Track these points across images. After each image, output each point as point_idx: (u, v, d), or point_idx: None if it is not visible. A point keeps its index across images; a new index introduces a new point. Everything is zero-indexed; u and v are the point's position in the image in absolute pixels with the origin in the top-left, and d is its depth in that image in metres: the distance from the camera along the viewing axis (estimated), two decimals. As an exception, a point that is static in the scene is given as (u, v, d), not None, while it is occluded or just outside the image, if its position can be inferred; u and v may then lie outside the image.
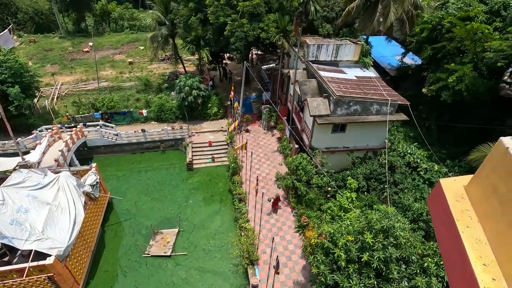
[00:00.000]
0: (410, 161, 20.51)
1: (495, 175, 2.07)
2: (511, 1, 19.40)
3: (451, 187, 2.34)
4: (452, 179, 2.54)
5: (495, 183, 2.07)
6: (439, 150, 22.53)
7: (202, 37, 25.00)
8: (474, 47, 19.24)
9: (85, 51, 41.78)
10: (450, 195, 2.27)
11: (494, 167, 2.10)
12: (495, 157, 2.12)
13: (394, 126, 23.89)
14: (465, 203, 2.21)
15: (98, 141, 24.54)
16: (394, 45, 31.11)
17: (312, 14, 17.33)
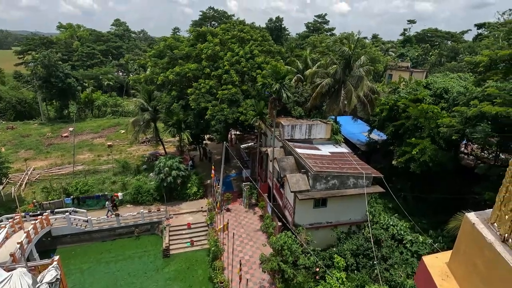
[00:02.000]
0: (394, 233, 20.27)
1: (471, 251, 2.15)
2: (449, 87, 23.00)
3: (434, 264, 2.35)
4: (434, 256, 2.57)
5: (473, 259, 2.13)
6: (419, 220, 22.72)
7: (183, 121, 26.42)
8: (429, 123, 21.72)
9: (64, 136, 42.01)
10: (435, 274, 2.26)
11: (467, 243, 2.20)
12: (465, 232, 2.24)
13: (373, 198, 24.36)
14: (451, 282, 2.20)
15: (64, 230, 22.47)
16: (361, 123, 34.34)
17: (284, 100, 19.34)
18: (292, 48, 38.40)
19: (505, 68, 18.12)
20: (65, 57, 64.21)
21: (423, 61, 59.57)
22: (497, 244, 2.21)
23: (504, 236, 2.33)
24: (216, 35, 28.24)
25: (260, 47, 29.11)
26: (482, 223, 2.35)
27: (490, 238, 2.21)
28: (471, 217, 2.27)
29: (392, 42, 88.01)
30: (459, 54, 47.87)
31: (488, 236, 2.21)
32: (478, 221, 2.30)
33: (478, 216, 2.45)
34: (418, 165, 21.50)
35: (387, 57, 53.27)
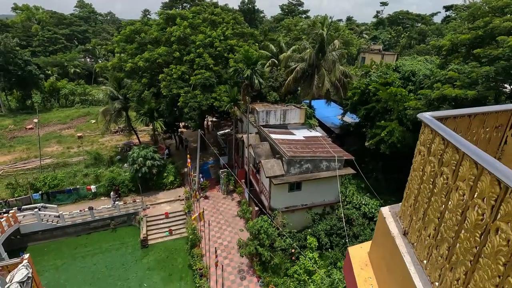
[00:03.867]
0: (365, 211, 21.36)
1: (382, 242, 2.34)
2: (416, 70, 23.83)
3: (357, 254, 2.54)
4: (359, 246, 2.77)
5: (383, 250, 2.32)
6: (389, 198, 23.98)
7: (155, 109, 25.63)
8: (397, 106, 22.56)
9: (29, 128, 39.52)
10: (356, 264, 2.45)
11: (380, 234, 2.40)
12: (379, 225, 2.44)
13: (346, 179, 25.31)
14: (368, 270, 2.40)
15: (34, 226, 21.60)
16: (335, 107, 35.02)
17: (256, 86, 19.21)
18: (265, 31, 37.76)
19: (465, 52, 18.95)
20: (24, 42, 59.20)
21: (395, 43, 60.97)
22: (398, 237, 2.44)
23: (405, 230, 2.61)
24: (186, 18, 27.13)
25: (233, 30, 28.39)
26: (392, 216, 2.58)
27: (394, 231, 2.44)
28: (384, 211, 2.48)
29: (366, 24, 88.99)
30: (427, 37, 49.40)
31: (393, 230, 2.44)
32: (388, 215, 2.51)
33: (390, 210, 2.67)
34: (387, 146, 22.49)
35: (361, 40, 53.97)
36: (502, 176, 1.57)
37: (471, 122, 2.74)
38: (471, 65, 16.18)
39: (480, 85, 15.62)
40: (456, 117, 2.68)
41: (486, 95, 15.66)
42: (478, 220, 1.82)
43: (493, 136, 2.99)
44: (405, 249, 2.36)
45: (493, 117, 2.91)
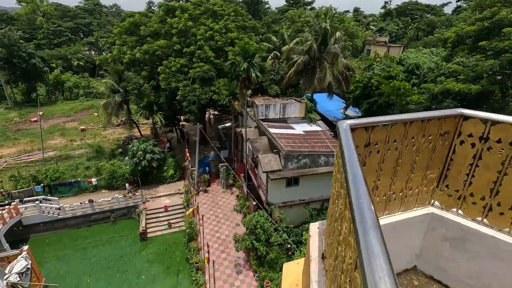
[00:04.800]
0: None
1: (305, 262, 2.17)
2: (421, 62, 23.14)
3: (292, 271, 2.37)
4: (296, 262, 2.59)
5: (305, 272, 2.14)
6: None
7: (155, 103, 25.53)
8: (400, 100, 22.01)
9: (33, 121, 39.94)
10: (286, 282, 2.28)
11: (306, 253, 2.22)
12: (308, 241, 2.27)
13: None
14: None
15: (36, 218, 21.95)
16: (338, 100, 34.41)
17: (253, 79, 18.90)
18: (268, 23, 37.10)
19: (472, 44, 18.24)
20: (28, 35, 59.40)
21: (402, 35, 59.43)
22: (315, 261, 2.24)
23: (323, 252, 2.45)
24: (186, 10, 26.74)
25: (234, 22, 27.91)
26: (318, 235, 2.39)
27: (313, 254, 2.26)
28: (312, 227, 2.29)
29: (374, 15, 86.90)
30: (436, 28, 47.97)
31: (312, 252, 2.26)
32: (315, 233, 2.32)
33: (319, 227, 2.49)
34: (389, 141, 22.05)
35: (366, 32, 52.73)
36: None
37: (407, 129, 2.50)
38: (475, 58, 15.58)
39: (484, 79, 15.04)
40: (388, 124, 2.44)
41: (491, 90, 15.09)
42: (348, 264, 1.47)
43: (439, 144, 2.74)
44: (317, 277, 2.17)
45: (435, 124, 2.64)
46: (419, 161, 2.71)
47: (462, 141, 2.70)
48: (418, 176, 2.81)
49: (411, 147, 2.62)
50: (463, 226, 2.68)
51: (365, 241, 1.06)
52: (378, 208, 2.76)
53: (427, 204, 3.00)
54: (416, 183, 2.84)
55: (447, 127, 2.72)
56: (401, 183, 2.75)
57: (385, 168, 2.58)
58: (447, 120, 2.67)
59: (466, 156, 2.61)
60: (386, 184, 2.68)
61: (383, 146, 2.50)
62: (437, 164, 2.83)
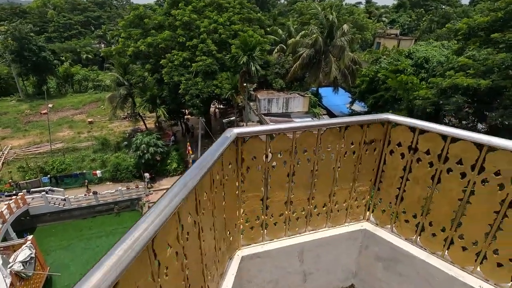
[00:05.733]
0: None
1: None
2: (430, 56, 22.27)
3: None
4: None
5: None
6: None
7: (158, 96, 25.56)
8: (407, 95, 21.32)
9: (43, 113, 40.75)
10: None
11: None
12: None
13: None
14: None
15: (43, 209, 22.49)
16: (345, 95, 33.72)
17: (253, 73, 18.59)
18: (274, 16, 36.45)
19: (485, 36, 17.37)
20: (38, 28, 60.34)
21: (415, 27, 57.50)
22: None
23: None
24: (190, 2, 26.45)
25: (239, 15, 27.48)
26: None
27: None
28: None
29: (386, 7, 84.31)
30: (451, 20, 46.09)
31: None
32: None
33: None
34: (394, 137, 21.46)
35: (377, 24, 51.21)
36: None
37: (319, 137, 2.22)
38: (486, 51, 14.82)
39: (495, 74, 14.33)
40: (297, 131, 2.17)
41: (502, 85, 14.37)
42: None
43: (365, 154, 2.44)
44: None
45: (356, 131, 2.33)
46: (342, 172, 2.43)
47: (391, 150, 2.41)
48: (344, 189, 2.54)
49: (328, 157, 2.37)
50: (395, 246, 2.40)
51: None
52: (298, 224, 2.52)
53: (362, 219, 2.73)
54: (343, 196, 2.56)
55: (374, 134, 2.42)
56: (323, 197, 2.49)
57: (298, 180, 2.32)
58: (373, 126, 2.36)
59: (397, 168, 2.34)
60: (302, 198, 2.42)
61: (290, 156, 2.24)
62: (367, 176, 2.55)
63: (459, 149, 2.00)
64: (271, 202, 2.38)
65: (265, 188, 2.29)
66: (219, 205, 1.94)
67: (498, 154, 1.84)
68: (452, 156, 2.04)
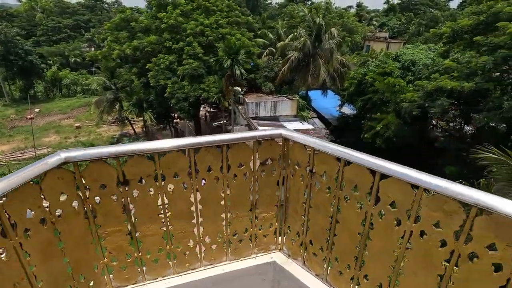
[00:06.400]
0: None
1: None
2: (417, 59, 22.40)
3: None
4: None
5: None
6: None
7: (145, 100, 25.19)
8: (395, 98, 21.35)
9: (30, 118, 39.94)
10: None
11: None
12: None
13: (341, 173, 24.45)
14: None
15: (24, 216, 21.81)
16: (335, 97, 33.75)
17: (238, 76, 18.41)
18: (264, 19, 36.46)
19: (469, 39, 17.47)
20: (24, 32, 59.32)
21: (404, 31, 58.20)
22: None
23: None
24: (178, 5, 26.24)
25: (227, 18, 27.35)
26: None
27: None
28: None
29: (377, 11, 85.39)
30: (439, 23, 46.75)
31: None
32: None
33: None
34: (383, 140, 21.45)
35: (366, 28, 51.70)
36: None
37: (190, 158, 1.92)
38: (469, 54, 14.88)
39: (479, 76, 14.36)
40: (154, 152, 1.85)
41: (486, 88, 14.40)
42: None
43: (262, 176, 2.13)
44: None
45: (242, 150, 2.02)
46: (234, 198, 2.13)
47: (292, 172, 2.15)
48: (242, 216, 2.22)
49: (211, 180, 2.09)
50: (303, 284, 2.10)
51: None
52: (188, 259, 2.19)
53: (274, 249, 2.41)
54: (242, 224, 2.25)
55: (269, 153, 2.13)
56: (215, 227, 2.17)
57: (176, 210, 2.00)
58: (266, 144, 2.08)
59: (299, 191, 2.10)
60: (186, 230, 2.09)
61: (156, 183, 1.91)
62: (270, 201, 2.26)
63: (353, 173, 1.75)
64: (143, 236, 2.04)
65: (130, 221, 2.00)
66: (49, 250, 1.60)
67: (390, 182, 1.58)
68: (347, 181, 1.79)
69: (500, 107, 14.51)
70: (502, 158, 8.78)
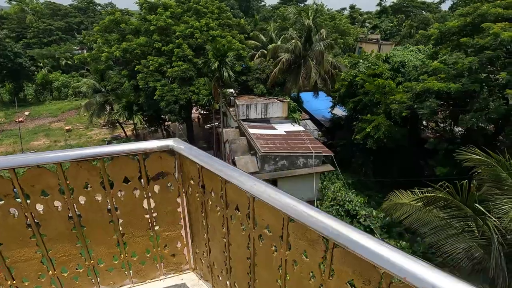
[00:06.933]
0: (349, 208, 20.57)
1: None
2: (406, 60, 22.52)
3: None
4: None
5: None
6: (377, 194, 23.09)
7: (134, 102, 24.92)
8: (385, 99, 21.41)
9: (19, 121, 39.30)
10: None
11: None
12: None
13: (334, 174, 24.42)
14: None
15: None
16: (327, 99, 33.81)
17: (226, 79, 18.30)
18: (256, 21, 36.46)
19: (457, 41, 17.61)
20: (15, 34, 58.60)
21: (396, 33, 58.73)
22: None
23: None
24: (169, 8, 26.09)
25: (218, 20, 27.25)
26: None
27: None
28: None
29: (369, 13, 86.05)
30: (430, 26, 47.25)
31: None
32: None
33: None
34: (374, 141, 21.47)
35: (358, 29, 52.04)
36: None
37: (61, 174, 1.74)
38: (455, 55, 14.96)
39: (465, 78, 14.44)
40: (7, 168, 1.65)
41: (472, 89, 14.47)
42: None
43: (156, 193, 1.99)
44: None
45: (126, 163, 1.83)
46: (126, 216, 1.97)
47: (190, 188, 2.01)
48: (139, 236, 2.06)
49: (91, 198, 1.90)
50: None
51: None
52: (81, 284, 2.00)
53: (188, 270, 2.26)
54: (142, 245, 2.09)
55: (161, 166, 1.95)
56: (107, 248, 2.00)
57: (52, 232, 1.83)
58: (155, 157, 1.91)
59: (197, 209, 1.99)
60: (70, 253, 1.91)
61: (15, 201, 1.73)
62: (172, 219, 2.11)
63: (232, 191, 1.60)
64: (14, 262, 1.86)
65: None
66: None
67: (261, 204, 1.43)
68: (230, 200, 1.65)
69: (487, 108, 14.62)
70: (486, 160, 8.78)
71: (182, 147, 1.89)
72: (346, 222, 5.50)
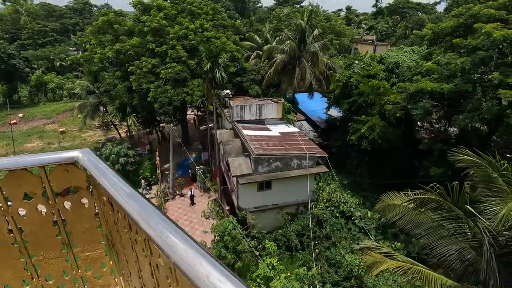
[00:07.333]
0: (344, 210, 20.49)
1: None
2: (400, 61, 22.51)
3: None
4: None
5: None
6: (372, 195, 23.00)
7: (128, 104, 24.71)
8: (379, 100, 21.37)
9: (12, 123, 38.90)
10: None
11: None
12: None
13: (329, 175, 24.32)
14: None
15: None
16: (322, 100, 33.75)
17: (218, 80, 18.17)
18: (251, 22, 36.39)
19: (450, 41, 17.62)
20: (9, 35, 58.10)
21: (392, 33, 58.96)
22: None
23: None
24: (163, 9, 25.92)
25: (212, 21, 27.13)
26: None
27: None
28: None
29: (366, 14, 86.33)
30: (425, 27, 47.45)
31: None
32: None
33: None
34: (368, 142, 21.41)
35: (354, 30, 52.15)
36: None
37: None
38: (448, 56, 14.95)
39: (458, 78, 14.42)
40: None
41: (465, 89, 14.46)
42: None
43: (65, 208, 1.85)
44: None
45: (25, 178, 1.68)
46: (30, 236, 1.82)
47: (104, 204, 1.82)
48: (53, 258, 1.91)
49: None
50: None
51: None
52: None
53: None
54: (56, 267, 1.93)
55: (68, 180, 1.77)
56: (12, 272, 1.83)
57: None
58: (60, 170, 1.75)
59: (113, 228, 1.85)
60: None
61: None
62: (92, 237, 1.95)
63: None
64: None
65: None
66: None
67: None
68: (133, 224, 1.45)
69: (480, 108, 14.60)
70: (477, 161, 8.72)
71: (87, 162, 1.68)
72: (341, 223, 5.22)
